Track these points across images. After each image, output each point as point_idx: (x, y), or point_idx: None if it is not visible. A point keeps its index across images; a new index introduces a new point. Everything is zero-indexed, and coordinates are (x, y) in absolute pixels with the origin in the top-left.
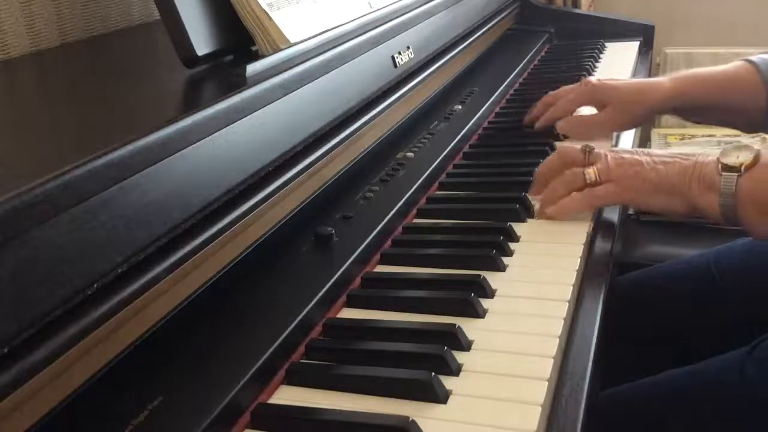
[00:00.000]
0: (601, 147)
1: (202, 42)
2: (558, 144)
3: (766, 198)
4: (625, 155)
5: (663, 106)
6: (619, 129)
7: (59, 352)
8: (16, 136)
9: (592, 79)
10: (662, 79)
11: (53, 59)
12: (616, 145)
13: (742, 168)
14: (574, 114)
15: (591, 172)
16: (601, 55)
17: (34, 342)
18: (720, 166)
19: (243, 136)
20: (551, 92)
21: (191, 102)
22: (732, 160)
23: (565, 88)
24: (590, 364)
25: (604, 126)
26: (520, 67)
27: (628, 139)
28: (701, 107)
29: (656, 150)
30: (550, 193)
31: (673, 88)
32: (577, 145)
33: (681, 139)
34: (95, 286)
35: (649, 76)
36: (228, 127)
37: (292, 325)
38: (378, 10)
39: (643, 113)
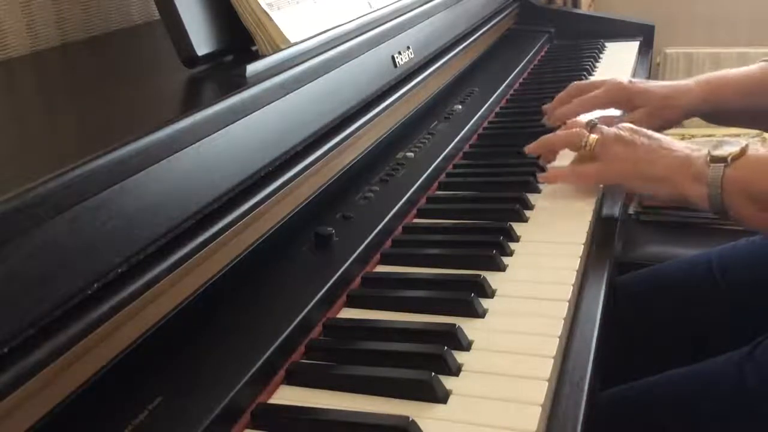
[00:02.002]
0: None
1: (202, 42)
2: None
3: (750, 185)
4: (625, 133)
5: (693, 112)
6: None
7: (59, 352)
8: (16, 136)
9: (622, 79)
10: (689, 83)
11: (53, 59)
12: None
13: (729, 159)
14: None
15: (591, 139)
16: (601, 55)
17: (34, 342)
18: (709, 158)
19: (243, 136)
20: (576, 83)
21: (191, 102)
22: (720, 152)
23: (592, 83)
24: (590, 364)
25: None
26: (520, 67)
27: None
28: (728, 111)
29: (656, 133)
30: (549, 138)
31: (701, 93)
32: (585, 120)
33: (680, 139)
34: (95, 286)
35: (649, 75)
36: (228, 127)
37: (292, 325)
38: (378, 10)
39: (674, 117)
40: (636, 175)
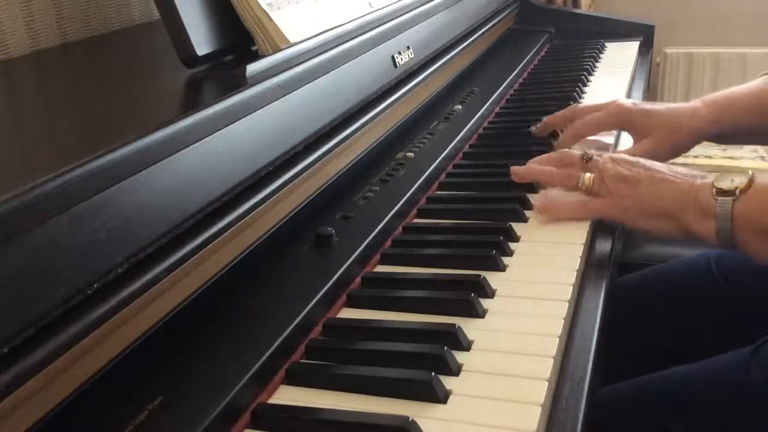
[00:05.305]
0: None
1: (202, 42)
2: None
3: (762, 220)
4: (623, 169)
5: (703, 134)
6: (663, 160)
7: (59, 352)
8: (16, 136)
9: (626, 101)
10: (696, 105)
11: (53, 59)
12: (616, 148)
13: (737, 192)
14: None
15: (587, 178)
16: (601, 55)
17: (34, 342)
18: (715, 190)
19: (243, 136)
20: (572, 106)
21: (191, 102)
22: (726, 184)
23: (591, 106)
24: (590, 364)
25: (651, 157)
26: (520, 67)
27: (627, 141)
28: (738, 131)
29: (658, 165)
30: (543, 174)
31: (710, 114)
32: (578, 152)
33: None
34: (95, 286)
35: (650, 75)
36: (228, 127)
37: (292, 325)
38: (378, 10)
39: (686, 142)
40: (641, 211)
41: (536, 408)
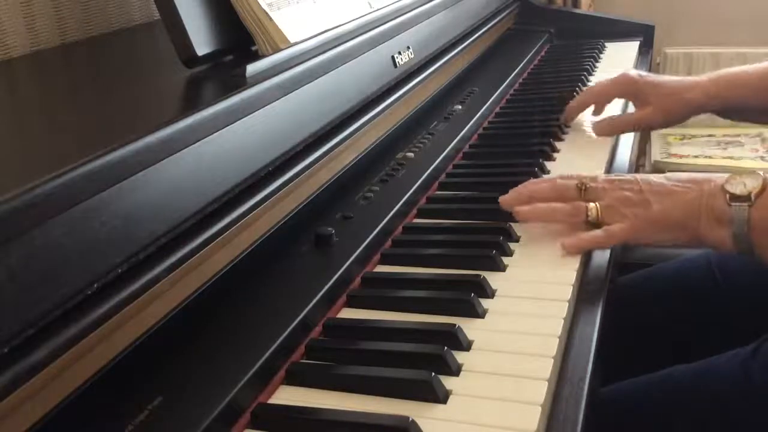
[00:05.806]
0: (598, 154)
1: (202, 42)
2: (551, 176)
3: None
4: (627, 191)
5: (703, 107)
6: (659, 127)
7: (59, 352)
8: (16, 136)
9: (633, 72)
10: (702, 79)
11: (53, 59)
12: (616, 146)
13: (752, 196)
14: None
15: (593, 209)
16: (601, 55)
17: (34, 342)
18: (728, 196)
19: (243, 136)
20: (587, 88)
21: (191, 102)
22: (739, 189)
23: (603, 82)
24: (590, 364)
25: (644, 123)
26: (520, 67)
27: (627, 141)
28: (742, 109)
29: (656, 177)
30: (549, 214)
31: (711, 89)
32: (572, 181)
33: (680, 139)
34: (95, 286)
35: None
36: (228, 127)
37: (292, 325)
38: (378, 10)
39: (683, 112)
40: (655, 228)
41: (536, 408)
